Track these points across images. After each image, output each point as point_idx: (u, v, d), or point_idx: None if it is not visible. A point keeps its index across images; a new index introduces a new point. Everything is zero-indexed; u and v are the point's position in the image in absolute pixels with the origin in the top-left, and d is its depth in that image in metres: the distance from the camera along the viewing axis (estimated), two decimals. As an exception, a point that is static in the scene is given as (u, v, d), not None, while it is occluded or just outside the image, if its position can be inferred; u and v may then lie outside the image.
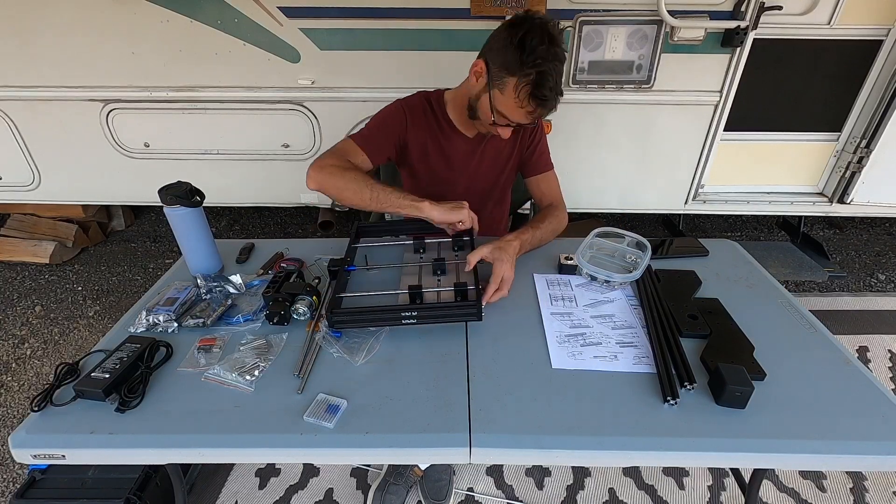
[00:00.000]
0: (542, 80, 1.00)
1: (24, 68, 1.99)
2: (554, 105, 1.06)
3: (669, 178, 2.22)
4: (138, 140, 2.16)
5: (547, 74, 1.00)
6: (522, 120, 1.09)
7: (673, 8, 1.77)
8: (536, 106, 1.04)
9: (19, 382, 1.94)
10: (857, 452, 0.76)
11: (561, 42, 1.02)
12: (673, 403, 0.81)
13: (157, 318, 1.01)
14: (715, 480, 1.51)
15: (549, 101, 1.04)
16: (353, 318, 0.98)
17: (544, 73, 1.00)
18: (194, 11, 1.85)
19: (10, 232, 2.70)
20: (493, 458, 0.78)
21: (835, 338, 0.99)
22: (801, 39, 1.93)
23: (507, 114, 1.08)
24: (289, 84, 1.99)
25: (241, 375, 0.87)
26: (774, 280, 1.19)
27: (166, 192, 1.08)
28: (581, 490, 1.49)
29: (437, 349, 0.95)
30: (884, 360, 1.96)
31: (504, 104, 1.07)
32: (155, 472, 1.29)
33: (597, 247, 1.23)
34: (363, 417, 0.81)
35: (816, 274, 2.34)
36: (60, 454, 0.79)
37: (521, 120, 1.09)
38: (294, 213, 3.23)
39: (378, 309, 0.97)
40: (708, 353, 0.92)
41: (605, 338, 0.97)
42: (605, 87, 1.97)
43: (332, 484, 1.51)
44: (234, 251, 1.31)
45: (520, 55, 0.99)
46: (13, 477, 1.57)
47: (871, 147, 2.08)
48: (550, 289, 1.13)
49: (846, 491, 1.48)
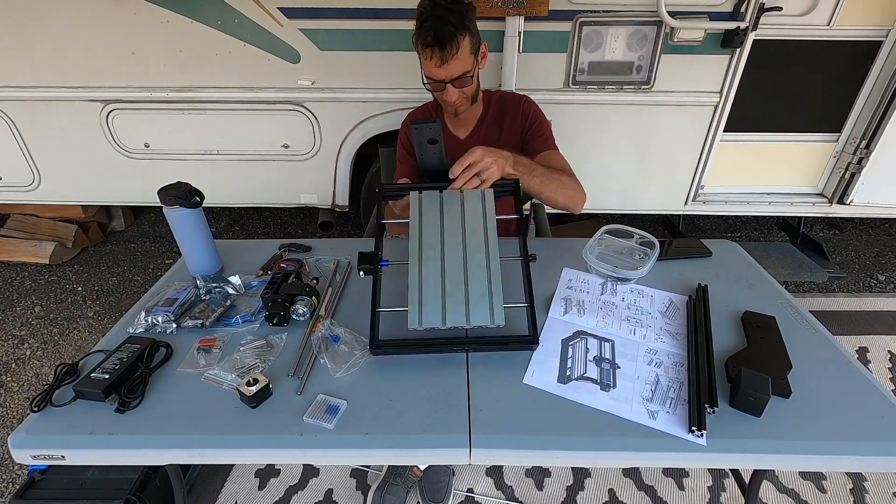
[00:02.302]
0: (428, 28, 1.12)
1: (24, 68, 1.99)
2: (446, 43, 1.13)
3: (669, 178, 2.22)
4: (138, 140, 2.16)
5: (429, 21, 1.12)
6: (438, 73, 1.19)
7: (673, 9, 1.77)
8: (432, 50, 1.14)
9: (19, 383, 1.94)
10: (857, 453, 0.76)
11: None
12: (699, 435, 0.77)
13: (155, 319, 1.01)
14: (715, 481, 1.51)
15: (438, 43, 1.13)
16: (394, 348, 0.91)
17: (427, 21, 1.12)
18: (194, 12, 1.85)
19: (10, 232, 2.70)
20: (493, 458, 0.78)
21: (835, 338, 0.99)
22: (801, 40, 1.93)
23: (427, 73, 1.21)
24: (289, 84, 1.99)
25: (241, 376, 0.87)
26: (774, 281, 1.19)
27: (166, 192, 1.08)
28: (581, 491, 1.49)
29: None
30: (884, 361, 1.96)
31: (423, 67, 1.21)
32: (154, 473, 1.28)
33: (605, 244, 1.23)
34: (363, 418, 0.81)
35: (816, 274, 2.34)
36: (60, 455, 0.78)
37: (436, 74, 1.19)
38: (294, 213, 3.23)
39: (423, 340, 0.91)
40: (734, 361, 0.90)
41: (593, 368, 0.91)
42: (604, 87, 1.97)
43: (332, 484, 1.51)
44: (235, 251, 1.31)
45: (416, 22, 1.15)
46: (13, 477, 1.57)
47: (870, 148, 2.08)
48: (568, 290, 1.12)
49: (846, 492, 1.48)
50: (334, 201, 2.29)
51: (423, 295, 0.91)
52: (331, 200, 2.29)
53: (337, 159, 2.16)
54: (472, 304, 0.89)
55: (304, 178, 2.23)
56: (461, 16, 1.14)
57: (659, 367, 0.91)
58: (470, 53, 1.19)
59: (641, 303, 1.09)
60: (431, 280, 0.93)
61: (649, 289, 1.13)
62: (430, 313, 0.89)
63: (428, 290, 0.92)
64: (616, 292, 1.12)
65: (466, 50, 1.18)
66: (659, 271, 1.16)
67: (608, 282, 1.15)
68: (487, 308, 0.89)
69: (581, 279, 1.16)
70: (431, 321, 0.88)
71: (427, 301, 0.90)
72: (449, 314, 0.89)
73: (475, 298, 0.90)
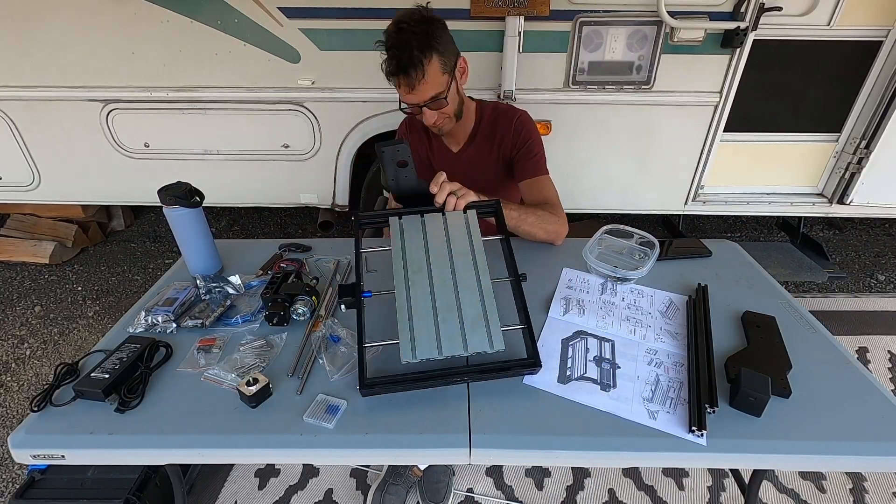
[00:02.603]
0: (392, 56, 1.12)
1: (24, 68, 1.99)
2: (410, 69, 1.11)
3: (669, 178, 2.22)
4: (138, 140, 2.16)
5: (393, 48, 1.11)
6: (410, 98, 1.18)
7: (673, 9, 1.77)
8: (398, 78, 1.14)
9: (19, 382, 1.94)
10: (857, 453, 0.76)
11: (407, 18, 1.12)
12: (699, 435, 0.77)
13: (155, 319, 1.01)
14: (714, 481, 1.51)
15: (402, 70, 1.12)
16: (389, 388, 0.83)
17: (391, 48, 1.11)
18: (194, 11, 1.85)
19: (10, 232, 2.70)
20: (493, 458, 0.78)
21: (834, 338, 0.99)
22: (801, 40, 1.93)
23: (401, 98, 1.21)
24: (289, 84, 1.99)
25: (241, 376, 0.87)
26: (774, 281, 1.19)
27: (166, 192, 1.08)
28: (581, 490, 1.49)
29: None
30: (883, 361, 1.96)
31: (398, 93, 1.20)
32: (154, 473, 1.28)
33: (605, 244, 1.23)
34: (363, 418, 0.81)
35: (816, 274, 2.34)
36: (60, 454, 0.79)
37: (409, 99, 1.19)
38: (294, 213, 3.23)
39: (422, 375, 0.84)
40: (733, 361, 0.90)
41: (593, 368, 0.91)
42: (604, 87, 1.97)
43: (332, 484, 1.51)
44: (235, 251, 1.30)
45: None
46: (12, 477, 1.57)
47: (870, 148, 2.08)
48: (568, 289, 1.12)
49: (845, 492, 1.48)
50: (334, 201, 2.29)
51: (414, 324, 0.85)
52: (331, 200, 2.29)
53: (337, 159, 2.16)
54: (468, 330, 0.84)
55: (304, 178, 2.23)
56: (426, 37, 1.11)
57: (659, 367, 0.91)
58: (442, 73, 1.15)
59: (641, 303, 1.09)
60: (421, 306, 0.87)
61: (649, 289, 1.13)
62: (423, 343, 0.82)
63: (419, 317, 0.86)
64: (616, 292, 1.12)
65: (436, 72, 1.14)
66: (659, 271, 1.16)
67: (608, 282, 1.15)
68: (485, 333, 0.84)
69: (581, 279, 1.16)
70: (426, 352, 0.81)
71: (419, 330, 0.84)
72: (444, 343, 0.82)
73: (470, 323, 0.85)
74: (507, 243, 1.00)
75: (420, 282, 0.91)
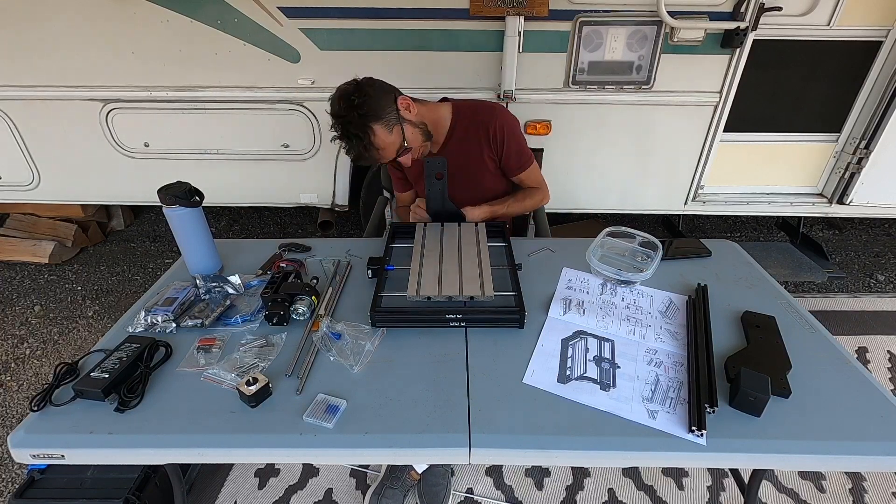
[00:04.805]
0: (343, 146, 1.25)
1: (24, 68, 1.99)
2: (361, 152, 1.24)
3: (669, 178, 2.22)
4: (138, 140, 2.15)
5: (342, 140, 1.23)
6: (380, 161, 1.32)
7: (673, 9, 1.77)
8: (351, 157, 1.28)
9: (18, 382, 1.94)
10: (857, 453, 0.76)
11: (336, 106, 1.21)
12: (699, 435, 0.77)
13: (155, 319, 1.01)
14: (714, 481, 1.51)
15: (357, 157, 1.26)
16: (395, 318, 1.01)
17: (340, 139, 1.23)
18: (194, 11, 1.85)
19: (10, 232, 2.70)
20: (493, 458, 0.78)
21: (834, 338, 0.99)
22: (801, 40, 1.93)
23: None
24: (289, 84, 1.98)
25: (240, 376, 0.87)
26: (774, 281, 1.19)
27: (166, 192, 1.08)
28: (580, 490, 1.49)
29: (437, 349, 0.95)
30: (883, 361, 1.96)
31: None
32: (154, 472, 1.28)
33: (608, 246, 1.23)
34: (363, 418, 0.81)
35: (816, 274, 2.34)
36: (59, 454, 0.79)
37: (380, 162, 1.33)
38: (294, 213, 3.23)
39: (422, 309, 1.01)
40: (733, 361, 0.90)
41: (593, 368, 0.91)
42: (604, 87, 1.97)
43: (332, 484, 1.51)
44: (234, 251, 1.30)
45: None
46: (12, 477, 1.57)
47: (870, 148, 2.08)
48: (567, 290, 1.12)
49: (845, 492, 1.48)
50: (334, 201, 2.29)
51: (422, 269, 1.10)
52: (331, 200, 2.29)
53: (337, 159, 2.16)
54: (465, 282, 1.05)
55: (303, 178, 2.23)
56: (360, 118, 1.18)
57: (659, 367, 0.91)
58: (389, 133, 1.24)
59: (641, 303, 1.09)
60: (430, 263, 1.13)
61: (649, 289, 1.13)
62: (427, 284, 1.05)
63: (427, 267, 1.11)
64: (616, 292, 1.12)
65: (384, 136, 1.23)
66: (659, 271, 1.16)
67: (608, 282, 1.15)
68: (479, 284, 1.04)
69: (581, 279, 1.16)
70: (428, 290, 1.02)
71: (426, 274, 1.08)
72: (445, 286, 1.04)
73: (468, 278, 1.07)
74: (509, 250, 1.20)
75: (432, 250, 1.19)
